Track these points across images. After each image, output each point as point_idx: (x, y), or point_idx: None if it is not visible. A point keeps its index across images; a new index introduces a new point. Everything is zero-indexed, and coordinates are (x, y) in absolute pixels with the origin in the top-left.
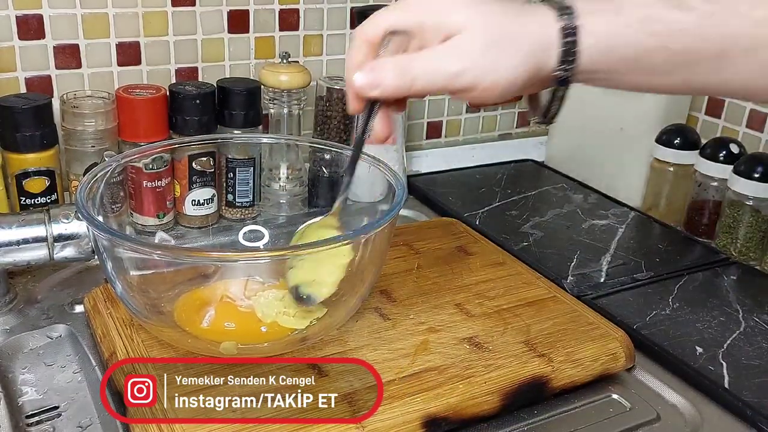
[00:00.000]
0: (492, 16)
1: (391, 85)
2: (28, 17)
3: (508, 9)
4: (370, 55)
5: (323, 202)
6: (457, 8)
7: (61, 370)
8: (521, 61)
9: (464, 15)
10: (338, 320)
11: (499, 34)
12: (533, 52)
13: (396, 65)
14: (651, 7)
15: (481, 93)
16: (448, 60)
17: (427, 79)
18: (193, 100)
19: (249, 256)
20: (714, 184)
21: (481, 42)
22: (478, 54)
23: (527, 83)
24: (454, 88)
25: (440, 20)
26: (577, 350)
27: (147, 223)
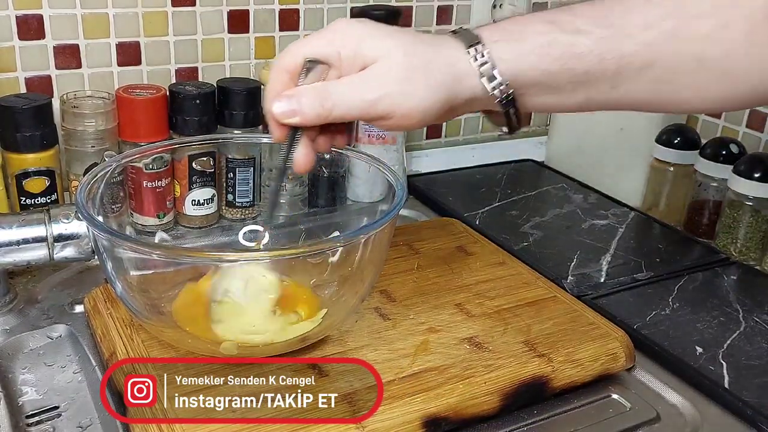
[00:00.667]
0: (408, 47)
1: (310, 113)
2: (28, 17)
3: (422, 39)
4: (290, 84)
5: (323, 202)
6: (374, 38)
7: (61, 370)
8: (435, 91)
9: (381, 45)
10: (338, 320)
11: (414, 63)
12: (445, 82)
13: (314, 93)
14: (550, 34)
15: (398, 120)
16: (364, 88)
17: (345, 106)
18: (193, 100)
19: (249, 256)
20: (714, 184)
21: (396, 71)
22: (394, 83)
23: (442, 111)
24: (371, 115)
25: (357, 49)
26: (577, 350)
27: (147, 223)
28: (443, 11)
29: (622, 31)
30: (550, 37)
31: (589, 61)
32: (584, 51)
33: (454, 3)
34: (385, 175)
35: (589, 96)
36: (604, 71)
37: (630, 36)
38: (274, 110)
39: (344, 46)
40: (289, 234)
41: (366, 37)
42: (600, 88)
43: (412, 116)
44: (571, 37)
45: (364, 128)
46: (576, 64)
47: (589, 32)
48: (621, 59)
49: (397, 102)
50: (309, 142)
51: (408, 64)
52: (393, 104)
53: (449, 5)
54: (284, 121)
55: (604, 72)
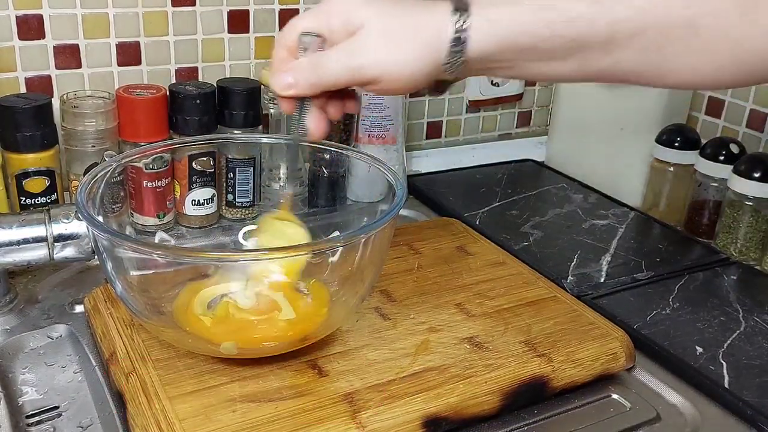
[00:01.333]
0: (388, 11)
1: (303, 84)
2: (28, 17)
3: (405, 5)
4: (289, 59)
5: (323, 202)
6: (358, 7)
7: (61, 370)
8: (419, 53)
9: (363, 12)
10: (338, 320)
11: (394, 27)
12: (429, 44)
13: (306, 65)
14: None
15: (386, 84)
16: (349, 55)
17: (334, 74)
18: (193, 100)
19: (249, 256)
20: (714, 184)
21: (377, 36)
22: (376, 48)
23: (431, 73)
24: (359, 80)
25: (345, 19)
26: (578, 350)
27: (147, 223)
28: None
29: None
30: (543, 2)
31: (581, 26)
32: (576, 15)
33: None
34: (385, 175)
35: (581, 63)
36: (595, 36)
37: (622, 1)
38: (272, 85)
39: (334, 18)
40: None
41: (353, 6)
42: (592, 55)
43: (399, 79)
44: (563, 2)
45: (364, 128)
46: (568, 28)
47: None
48: (613, 24)
49: (382, 66)
50: (319, 111)
51: (390, 28)
52: (379, 68)
53: None
54: (283, 94)
55: (595, 37)
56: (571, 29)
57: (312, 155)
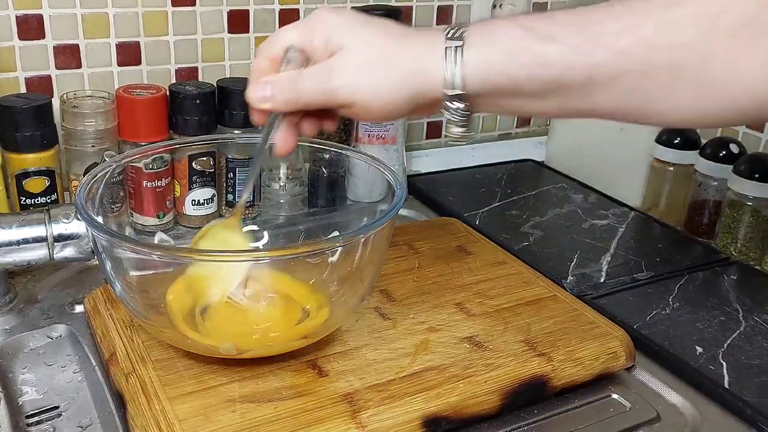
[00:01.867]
0: (372, 38)
1: (280, 100)
2: (28, 17)
3: (392, 33)
4: (270, 70)
5: (323, 202)
6: (345, 28)
7: (61, 370)
8: (396, 86)
9: (346, 35)
10: (338, 320)
11: (375, 54)
12: (409, 78)
13: (285, 81)
14: (520, 40)
15: (360, 110)
16: (326, 76)
17: (310, 93)
18: (193, 100)
19: (249, 257)
20: (714, 184)
21: (356, 61)
22: (353, 72)
23: (406, 106)
24: (333, 103)
25: (328, 39)
26: (578, 349)
27: (147, 223)
28: (443, 11)
29: (595, 39)
30: (520, 44)
31: (558, 70)
32: (552, 59)
33: (454, 3)
34: (384, 175)
35: (561, 103)
36: (573, 80)
37: (602, 45)
38: (248, 95)
39: (318, 36)
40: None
41: (338, 26)
42: (571, 96)
43: (372, 108)
44: (541, 44)
45: (364, 128)
46: (544, 72)
47: (560, 40)
48: (591, 68)
49: (356, 92)
50: (291, 127)
51: (368, 56)
52: (352, 94)
53: (449, 5)
54: (258, 107)
55: (573, 81)
56: (548, 72)
57: (312, 155)
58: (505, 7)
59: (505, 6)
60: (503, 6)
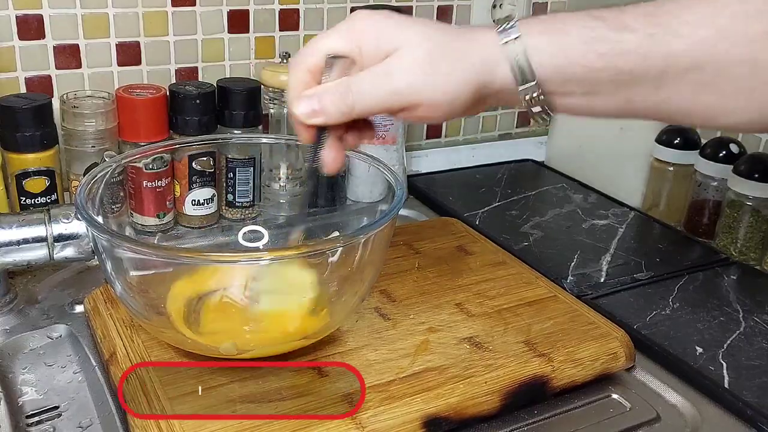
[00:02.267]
0: (430, 34)
1: (334, 111)
2: (28, 17)
3: (447, 28)
4: (312, 83)
5: (323, 202)
6: (395, 27)
7: (61, 370)
8: (461, 78)
9: (402, 34)
10: (338, 320)
11: (436, 50)
12: (474, 70)
13: (336, 90)
14: (596, 29)
15: (425, 111)
16: (387, 79)
17: (368, 100)
18: (193, 100)
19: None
20: (714, 184)
21: (418, 59)
22: (417, 71)
23: (471, 101)
24: (396, 107)
25: (379, 41)
26: (578, 350)
27: (147, 223)
28: (443, 11)
29: (672, 29)
30: (597, 33)
31: (635, 59)
32: (630, 48)
33: (454, 3)
34: (384, 175)
35: (628, 98)
36: (648, 70)
37: (679, 34)
38: (297, 112)
39: (364, 39)
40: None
41: (386, 27)
42: (641, 89)
43: (438, 106)
44: (618, 33)
45: None
46: (621, 61)
47: (636, 29)
48: (667, 58)
49: (422, 91)
50: (337, 141)
51: (432, 51)
52: (418, 94)
53: (449, 5)
54: (309, 122)
55: (648, 71)
56: (624, 62)
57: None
58: (506, 7)
59: (506, 6)
60: (503, 6)
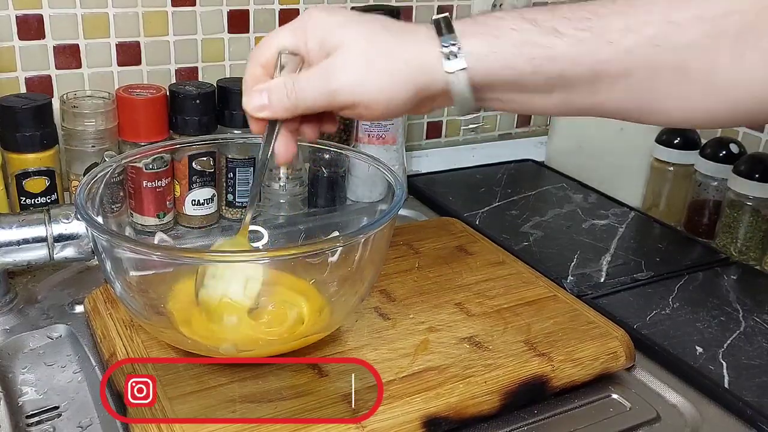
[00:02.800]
0: (370, 35)
1: (278, 107)
2: (28, 17)
3: (389, 28)
4: (264, 77)
5: (323, 202)
6: (339, 27)
7: (61, 370)
8: (399, 80)
9: (343, 33)
10: (338, 320)
11: (375, 52)
12: (410, 72)
13: (281, 86)
14: (527, 33)
15: (364, 110)
16: (324, 79)
17: (309, 98)
18: (193, 100)
19: (249, 257)
20: (714, 184)
21: (354, 59)
22: (353, 71)
23: (410, 102)
24: (334, 105)
25: (322, 39)
26: (577, 349)
27: (147, 223)
28: (443, 11)
29: (601, 36)
30: (525, 36)
31: (563, 64)
32: (558, 54)
33: (454, 3)
34: (384, 175)
35: (567, 99)
36: (579, 75)
37: (608, 41)
38: (245, 105)
39: (311, 37)
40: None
41: (331, 26)
42: (576, 92)
43: (375, 106)
44: (546, 38)
45: (364, 128)
46: (550, 66)
47: (566, 34)
48: (596, 64)
49: (358, 92)
50: (289, 133)
51: (368, 53)
52: (354, 94)
53: (449, 5)
54: (256, 116)
55: (579, 76)
56: (554, 67)
57: (312, 155)
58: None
59: (506, 6)
60: (503, 6)
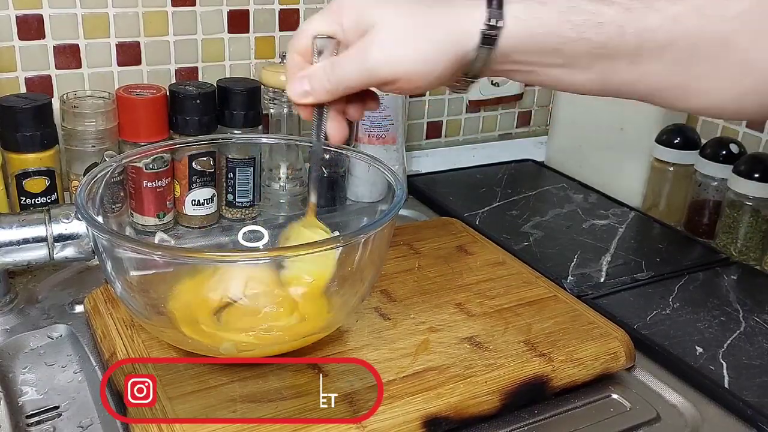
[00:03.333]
0: (403, 8)
1: (321, 90)
2: (28, 17)
3: (420, 2)
4: (304, 64)
5: (323, 202)
6: (370, 5)
7: (61, 370)
8: (436, 49)
9: (376, 11)
10: (338, 320)
11: (408, 25)
12: (452, 40)
13: (321, 71)
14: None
15: (404, 84)
16: (362, 56)
17: (349, 78)
18: (193, 100)
19: (249, 257)
20: (714, 184)
21: (391, 34)
22: (390, 46)
23: (450, 70)
24: (375, 81)
25: (356, 18)
26: (578, 349)
27: (147, 223)
28: None
29: (649, 5)
30: (572, 3)
31: (610, 32)
32: (606, 20)
33: None
34: (384, 175)
35: (604, 74)
36: (624, 44)
37: (656, 9)
38: (289, 93)
39: (346, 18)
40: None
41: (366, 4)
42: (617, 65)
43: (416, 79)
44: (594, 5)
45: (364, 128)
46: (596, 33)
47: (614, 2)
48: (643, 32)
49: (398, 66)
50: (338, 114)
51: (404, 26)
52: (394, 68)
53: None
54: (300, 102)
55: (624, 45)
56: (599, 34)
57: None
58: None
59: None
60: None
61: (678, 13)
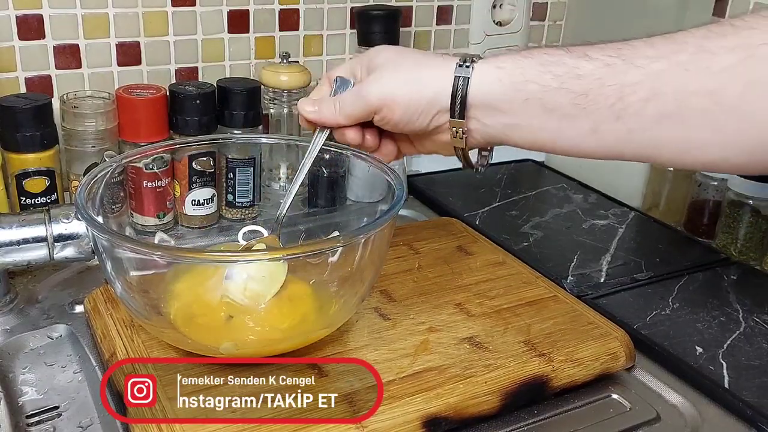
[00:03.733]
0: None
1: (328, 116)
2: (28, 17)
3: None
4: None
5: (323, 202)
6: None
7: (61, 370)
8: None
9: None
10: (338, 320)
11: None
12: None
13: (330, 101)
14: (555, 55)
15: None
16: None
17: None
18: (193, 100)
19: (249, 257)
20: (714, 184)
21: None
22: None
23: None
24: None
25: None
26: (578, 350)
27: (147, 224)
28: (443, 11)
29: (630, 61)
30: (555, 57)
31: (589, 83)
32: (585, 73)
33: (454, 3)
34: (384, 175)
35: (595, 126)
36: (605, 97)
37: (637, 66)
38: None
39: (359, 65)
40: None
41: (378, 56)
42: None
43: (396, 107)
44: (575, 60)
45: None
46: (576, 84)
47: (595, 58)
48: (623, 87)
49: (383, 96)
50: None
51: (396, 69)
52: (379, 97)
53: (449, 5)
54: (306, 117)
55: (605, 98)
56: (580, 85)
57: None
58: (505, 7)
59: (505, 6)
60: (503, 6)
61: (660, 70)
